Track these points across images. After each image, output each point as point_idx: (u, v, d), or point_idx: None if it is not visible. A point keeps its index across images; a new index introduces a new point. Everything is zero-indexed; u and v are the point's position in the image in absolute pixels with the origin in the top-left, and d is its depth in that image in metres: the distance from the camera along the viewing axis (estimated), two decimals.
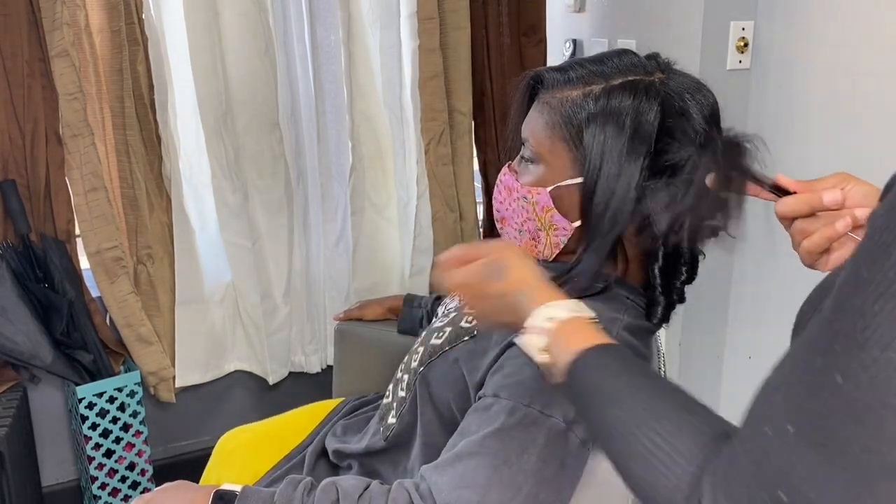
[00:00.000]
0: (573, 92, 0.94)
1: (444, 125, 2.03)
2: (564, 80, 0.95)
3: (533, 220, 0.99)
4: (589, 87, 0.93)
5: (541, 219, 0.98)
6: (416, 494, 0.85)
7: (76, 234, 1.78)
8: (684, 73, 0.96)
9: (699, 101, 0.93)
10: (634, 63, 0.95)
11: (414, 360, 1.06)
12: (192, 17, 1.75)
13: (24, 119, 1.66)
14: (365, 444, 1.11)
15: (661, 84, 0.93)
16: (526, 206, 0.99)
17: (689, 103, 0.92)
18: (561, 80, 0.96)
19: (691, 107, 0.91)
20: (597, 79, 0.94)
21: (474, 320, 0.92)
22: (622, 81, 0.93)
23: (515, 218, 1.02)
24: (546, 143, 0.96)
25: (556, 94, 0.96)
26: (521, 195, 0.99)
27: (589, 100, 0.93)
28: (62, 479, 1.97)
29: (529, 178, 0.99)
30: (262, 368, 2.05)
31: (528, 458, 0.82)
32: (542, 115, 0.96)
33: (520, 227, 1.02)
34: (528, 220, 1.00)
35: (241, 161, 1.88)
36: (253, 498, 0.89)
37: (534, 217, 0.99)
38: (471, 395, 0.95)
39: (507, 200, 1.03)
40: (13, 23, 1.60)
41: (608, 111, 0.91)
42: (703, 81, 0.96)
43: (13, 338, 1.68)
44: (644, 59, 0.96)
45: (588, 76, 0.94)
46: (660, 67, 0.95)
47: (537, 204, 0.98)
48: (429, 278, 2.13)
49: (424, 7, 1.92)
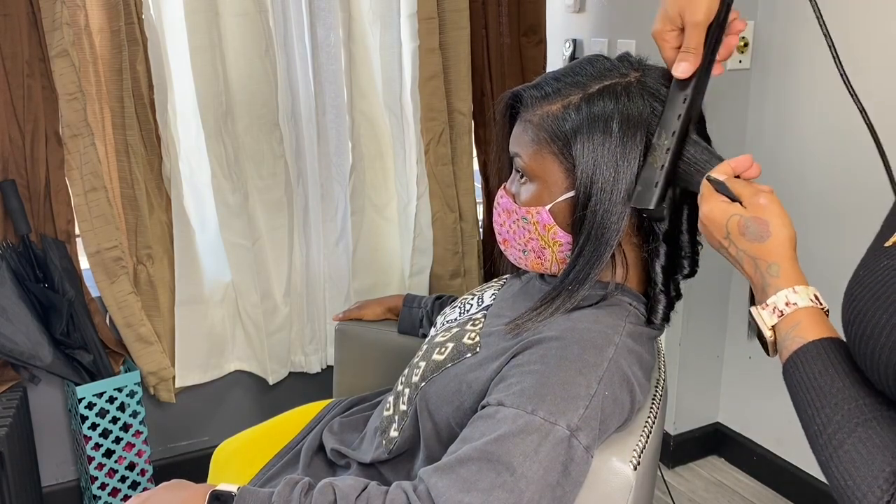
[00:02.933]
0: (552, 106, 0.94)
1: (444, 125, 2.03)
2: (541, 97, 0.95)
3: (535, 239, 0.98)
4: (567, 99, 0.93)
5: (543, 237, 0.98)
6: (413, 496, 0.85)
7: (76, 234, 1.78)
8: (658, 66, 0.96)
9: None
10: (607, 67, 0.94)
11: (415, 374, 1.06)
12: (192, 17, 1.75)
13: (24, 119, 1.66)
14: (370, 458, 1.11)
15: (639, 82, 0.92)
16: (527, 226, 0.98)
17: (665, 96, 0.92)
18: (538, 96, 0.95)
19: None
20: (573, 89, 0.93)
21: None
22: (599, 87, 0.92)
23: (518, 239, 1.01)
24: (536, 160, 0.95)
25: (536, 112, 0.95)
26: (521, 216, 0.98)
27: (570, 111, 0.92)
28: (62, 479, 1.97)
29: (526, 196, 0.98)
30: (262, 368, 2.05)
31: (530, 464, 0.82)
32: (527, 132, 0.96)
33: (524, 248, 1.01)
34: (530, 239, 0.99)
35: (241, 161, 1.88)
36: (250, 498, 0.89)
37: (536, 236, 0.98)
38: (470, 409, 0.94)
39: (507, 223, 1.02)
40: (13, 23, 1.60)
41: (592, 118, 0.91)
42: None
43: (13, 338, 1.68)
44: (616, 61, 0.96)
45: (564, 88, 0.94)
46: (633, 67, 0.95)
47: (538, 223, 0.97)
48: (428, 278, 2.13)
49: (424, 7, 1.92)
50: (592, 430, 0.86)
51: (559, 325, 0.92)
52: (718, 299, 2.14)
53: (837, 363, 0.70)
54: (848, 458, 0.65)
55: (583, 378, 0.87)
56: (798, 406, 0.72)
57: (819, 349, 0.71)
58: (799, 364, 0.72)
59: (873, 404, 0.67)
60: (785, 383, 0.74)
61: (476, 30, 2.03)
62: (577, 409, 0.85)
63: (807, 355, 0.71)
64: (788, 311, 0.75)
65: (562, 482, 0.84)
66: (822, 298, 0.77)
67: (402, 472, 1.08)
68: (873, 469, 0.64)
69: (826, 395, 0.69)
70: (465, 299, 1.18)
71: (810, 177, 1.86)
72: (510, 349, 0.93)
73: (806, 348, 0.71)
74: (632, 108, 0.91)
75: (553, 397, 0.85)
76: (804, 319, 0.74)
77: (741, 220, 0.80)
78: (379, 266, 2.12)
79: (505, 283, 1.16)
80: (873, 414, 0.67)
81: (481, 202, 2.23)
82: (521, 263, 1.04)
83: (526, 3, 2.07)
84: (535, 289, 1.06)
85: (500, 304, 1.08)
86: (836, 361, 0.70)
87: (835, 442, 0.66)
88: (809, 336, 0.72)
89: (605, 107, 0.91)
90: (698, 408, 2.22)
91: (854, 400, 0.68)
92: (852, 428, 0.66)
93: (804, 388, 0.71)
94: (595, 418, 0.86)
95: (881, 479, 0.63)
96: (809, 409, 0.70)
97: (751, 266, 0.80)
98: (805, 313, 0.74)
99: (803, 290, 0.76)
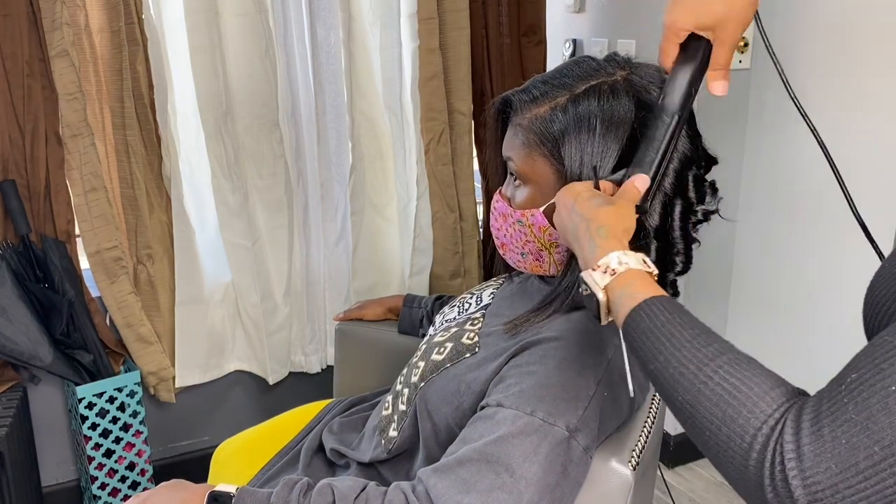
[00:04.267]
0: (540, 109, 0.94)
1: (444, 125, 2.03)
2: (530, 100, 0.96)
3: (532, 241, 0.99)
4: (554, 101, 0.94)
5: (540, 239, 0.98)
6: (412, 496, 0.85)
7: (76, 234, 1.78)
8: (647, 64, 0.96)
9: None
10: (594, 68, 0.95)
11: (414, 374, 1.06)
12: (192, 17, 1.75)
13: (24, 119, 1.66)
14: (368, 458, 1.11)
15: (625, 81, 0.93)
16: (523, 229, 0.99)
17: (656, 93, 0.91)
18: (526, 99, 0.96)
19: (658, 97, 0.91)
20: (560, 91, 0.94)
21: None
22: (585, 87, 0.93)
23: (515, 242, 1.01)
24: (528, 163, 0.96)
25: (525, 115, 0.96)
26: (516, 219, 0.99)
27: (557, 112, 0.93)
28: (62, 479, 1.97)
29: (521, 199, 0.98)
30: (262, 368, 2.05)
31: (529, 465, 0.82)
32: (518, 136, 0.97)
33: (521, 251, 1.01)
34: (527, 242, 0.99)
35: (241, 161, 1.88)
36: (248, 499, 0.89)
37: (532, 239, 0.98)
38: (469, 409, 0.94)
39: (503, 227, 1.02)
40: (13, 23, 1.60)
41: (578, 118, 0.91)
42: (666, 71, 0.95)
43: (13, 338, 1.68)
44: (603, 61, 0.96)
45: (551, 90, 0.95)
46: (620, 65, 0.95)
47: (533, 226, 0.97)
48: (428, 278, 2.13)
49: (424, 7, 1.92)
50: (591, 430, 0.86)
51: (558, 326, 0.92)
52: (718, 298, 2.14)
53: (683, 313, 0.68)
54: (722, 389, 0.61)
55: (582, 379, 0.87)
56: (646, 357, 0.68)
57: (660, 303, 0.69)
58: (643, 316, 0.69)
59: (733, 347, 0.65)
60: (625, 340, 0.72)
61: (476, 30, 2.03)
62: (577, 410, 0.85)
63: (649, 308, 0.69)
64: (621, 270, 0.74)
65: (561, 483, 0.84)
66: (652, 265, 0.76)
67: (402, 472, 1.08)
68: (756, 393, 0.59)
69: (681, 340, 0.65)
70: (464, 298, 1.18)
71: (811, 176, 1.86)
72: (509, 349, 0.93)
73: (647, 303, 0.70)
74: (616, 106, 0.91)
75: (552, 398, 0.85)
76: (637, 280, 0.73)
77: (590, 194, 0.83)
78: (379, 266, 2.12)
79: (504, 282, 1.16)
80: (737, 350, 0.64)
81: (481, 202, 2.23)
82: (520, 266, 1.04)
83: (526, 3, 2.07)
84: (533, 288, 1.06)
85: (499, 304, 1.08)
86: (681, 312, 0.68)
87: (702, 376, 0.62)
88: (646, 294, 0.71)
89: (589, 106, 0.91)
90: None
91: (715, 341, 0.65)
92: (721, 362, 0.62)
93: (653, 337, 0.67)
94: (594, 419, 0.87)
95: (769, 399, 0.59)
96: (661, 355, 0.66)
97: (582, 230, 0.79)
98: (637, 274, 0.74)
99: (633, 254, 0.76)
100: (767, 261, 2.03)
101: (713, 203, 0.97)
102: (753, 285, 2.09)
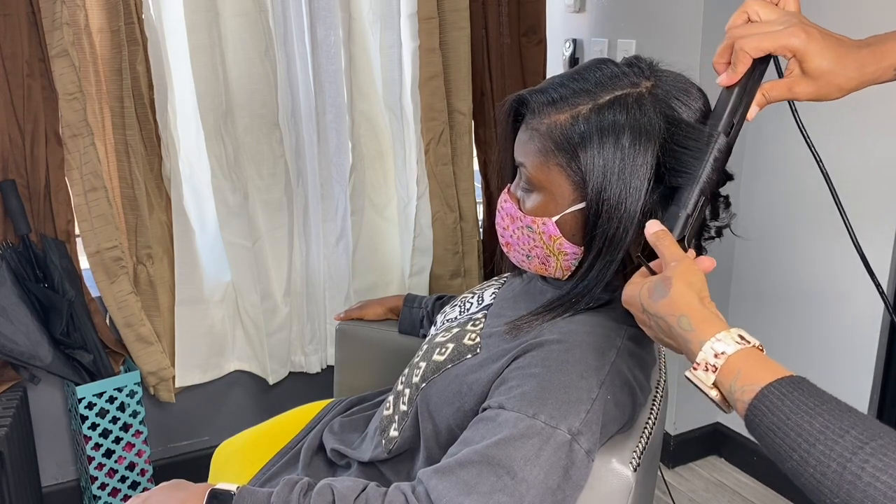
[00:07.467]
0: (560, 116, 0.90)
1: (444, 125, 2.03)
2: (548, 102, 0.91)
3: (540, 247, 0.97)
4: (576, 109, 0.89)
5: (549, 247, 0.96)
6: (412, 497, 0.85)
7: (76, 234, 1.78)
8: (670, 72, 0.92)
9: (689, 105, 0.90)
10: (616, 74, 0.90)
11: (416, 374, 1.05)
12: (192, 17, 1.75)
13: (24, 119, 1.66)
14: (368, 457, 1.11)
15: (650, 94, 0.89)
16: (532, 234, 0.96)
17: (681, 109, 0.89)
18: (544, 101, 0.91)
19: (683, 112, 0.89)
20: (582, 98, 0.90)
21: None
22: (610, 98, 0.89)
23: (521, 245, 0.99)
24: (543, 170, 0.92)
25: (543, 120, 0.91)
26: (525, 224, 0.96)
27: (579, 122, 0.89)
28: (62, 479, 1.97)
29: (531, 205, 0.95)
30: (262, 368, 2.05)
31: (531, 468, 0.82)
32: (533, 141, 0.93)
33: (527, 253, 0.99)
34: (535, 247, 0.97)
35: (241, 161, 1.88)
36: (248, 498, 0.89)
37: (541, 244, 0.96)
38: (471, 411, 0.94)
39: (510, 227, 1.00)
40: (13, 23, 1.60)
41: (602, 131, 0.88)
42: (690, 80, 0.93)
43: (13, 338, 1.68)
44: (625, 66, 0.92)
45: (572, 96, 0.90)
46: (644, 74, 0.91)
47: (544, 233, 0.95)
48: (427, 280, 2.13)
49: (424, 7, 1.92)
50: (594, 434, 0.86)
51: (561, 328, 0.92)
52: (718, 299, 2.14)
53: (807, 395, 0.62)
54: (875, 490, 0.55)
55: (584, 382, 0.87)
56: (779, 455, 0.62)
57: (778, 390, 0.63)
58: (763, 411, 0.64)
59: (872, 425, 0.59)
60: (754, 437, 0.66)
61: (476, 30, 2.03)
62: (579, 413, 0.85)
63: (767, 400, 0.63)
64: (721, 363, 0.68)
65: (562, 486, 0.84)
66: (749, 336, 0.71)
67: (402, 473, 1.08)
68: None
69: (812, 433, 0.60)
70: (466, 298, 1.18)
71: (811, 175, 1.86)
72: (511, 351, 0.93)
73: (763, 394, 0.64)
74: (644, 121, 0.87)
75: (554, 401, 0.84)
76: (742, 367, 0.67)
77: (649, 286, 0.77)
78: (379, 266, 2.12)
79: (506, 281, 1.15)
80: (879, 430, 0.59)
81: (481, 202, 2.23)
82: (524, 266, 1.03)
83: (526, 3, 2.07)
84: (536, 289, 1.05)
85: (501, 304, 1.08)
86: (805, 393, 0.63)
87: (848, 475, 0.56)
88: (759, 381, 0.65)
89: (616, 119, 0.87)
90: (698, 408, 2.22)
91: (853, 426, 0.59)
92: (865, 455, 0.57)
93: (781, 434, 0.62)
94: (596, 422, 0.86)
95: None
96: (795, 452, 0.60)
97: (667, 329, 0.74)
98: (740, 358, 0.68)
99: (726, 336, 0.70)
100: (767, 261, 2.03)
101: (726, 217, 0.95)
102: (753, 285, 2.09)
